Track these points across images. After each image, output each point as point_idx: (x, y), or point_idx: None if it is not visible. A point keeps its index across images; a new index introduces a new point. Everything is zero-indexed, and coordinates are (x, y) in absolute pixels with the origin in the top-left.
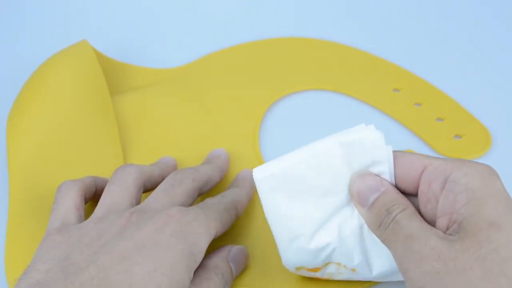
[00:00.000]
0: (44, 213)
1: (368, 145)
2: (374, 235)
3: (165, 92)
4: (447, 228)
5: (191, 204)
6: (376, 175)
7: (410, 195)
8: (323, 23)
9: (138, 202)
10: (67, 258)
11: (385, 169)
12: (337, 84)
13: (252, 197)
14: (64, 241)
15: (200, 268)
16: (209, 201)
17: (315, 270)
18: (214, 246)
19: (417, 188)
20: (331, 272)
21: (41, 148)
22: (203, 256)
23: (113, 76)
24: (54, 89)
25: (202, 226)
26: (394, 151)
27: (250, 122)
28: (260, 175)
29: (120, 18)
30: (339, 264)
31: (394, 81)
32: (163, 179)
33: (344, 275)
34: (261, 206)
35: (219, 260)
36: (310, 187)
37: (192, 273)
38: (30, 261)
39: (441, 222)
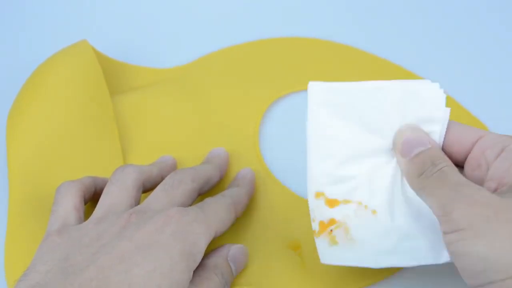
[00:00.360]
0: (44, 213)
1: (429, 100)
2: (405, 192)
3: (165, 92)
4: (495, 190)
5: (190, 204)
6: (425, 132)
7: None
8: (323, 23)
9: (137, 202)
10: (67, 258)
11: (437, 129)
12: None
13: (252, 196)
14: (64, 242)
15: (200, 267)
16: (208, 200)
17: (333, 203)
18: (214, 246)
19: (465, 155)
20: (348, 214)
21: (41, 148)
22: (202, 256)
23: (113, 76)
24: (53, 89)
25: (202, 226)
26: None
27: (250, 122)
28: (316, 87)
29: (120, 18)
30: (360, 203)
31: None
32: (162, 179)
33: (360, 221)
34: (260, 205)
35: (219, 259)
36: (359, 118)
37: (192, 273)
38: (30, 263)
39: (490, 184)
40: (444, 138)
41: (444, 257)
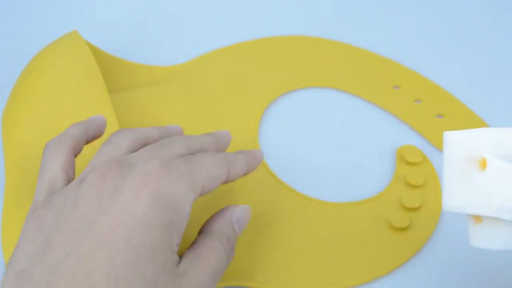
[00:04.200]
0: None
1: None
2: None
3: (164, 90)
4: None
5: None
6: None
7: None
8: (323, 21)
9: None
10: (48, 239)
11: None
12: (337, 82)
13: (252, 194)
14: (47, 214)
15: (204, 234)
16: (199, 153)
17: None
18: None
19: None
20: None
21: (37, 142)
22: (187, 220)
23: (113, 73)
24: (49, 82)
25: (185, 183)
26: None
27: (250, 121)
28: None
29: (119, 15)
30: None
31: (394, 78)
32: None
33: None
34: (260, 202)
35: (224, 224)
36: None
37: (177, 247)
38: (18, 240)
39: None
40: None
41: None
